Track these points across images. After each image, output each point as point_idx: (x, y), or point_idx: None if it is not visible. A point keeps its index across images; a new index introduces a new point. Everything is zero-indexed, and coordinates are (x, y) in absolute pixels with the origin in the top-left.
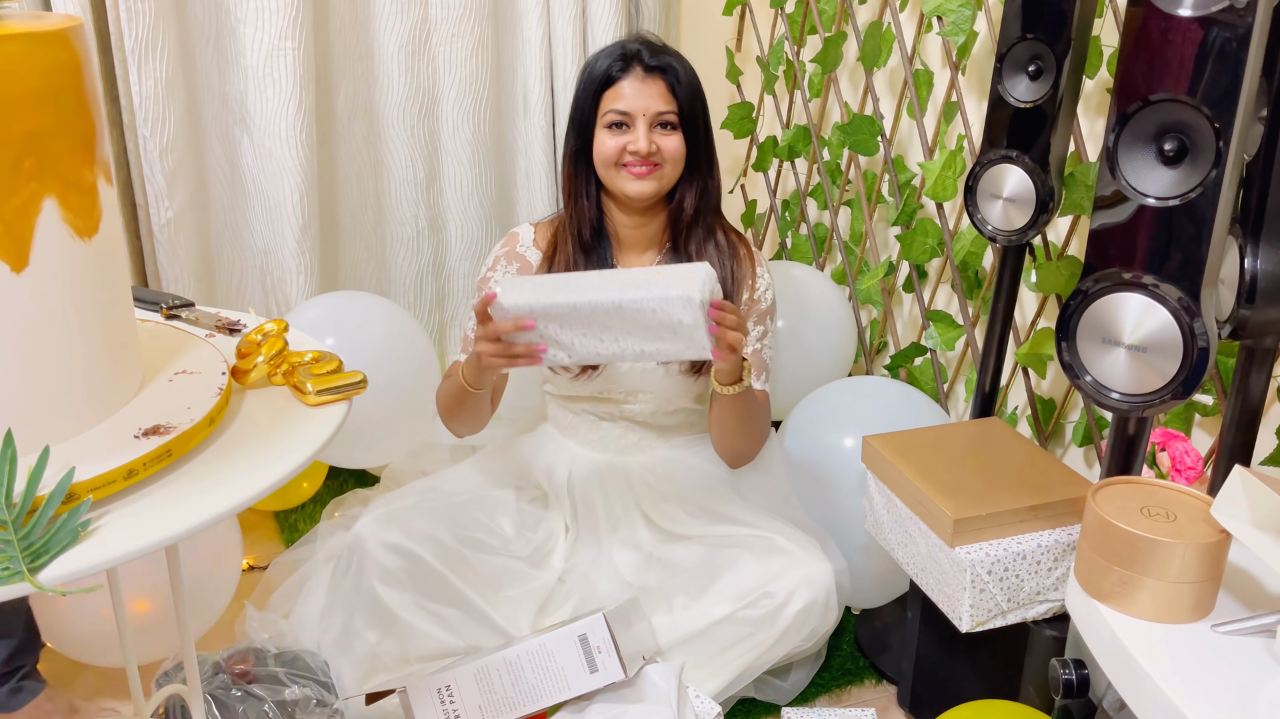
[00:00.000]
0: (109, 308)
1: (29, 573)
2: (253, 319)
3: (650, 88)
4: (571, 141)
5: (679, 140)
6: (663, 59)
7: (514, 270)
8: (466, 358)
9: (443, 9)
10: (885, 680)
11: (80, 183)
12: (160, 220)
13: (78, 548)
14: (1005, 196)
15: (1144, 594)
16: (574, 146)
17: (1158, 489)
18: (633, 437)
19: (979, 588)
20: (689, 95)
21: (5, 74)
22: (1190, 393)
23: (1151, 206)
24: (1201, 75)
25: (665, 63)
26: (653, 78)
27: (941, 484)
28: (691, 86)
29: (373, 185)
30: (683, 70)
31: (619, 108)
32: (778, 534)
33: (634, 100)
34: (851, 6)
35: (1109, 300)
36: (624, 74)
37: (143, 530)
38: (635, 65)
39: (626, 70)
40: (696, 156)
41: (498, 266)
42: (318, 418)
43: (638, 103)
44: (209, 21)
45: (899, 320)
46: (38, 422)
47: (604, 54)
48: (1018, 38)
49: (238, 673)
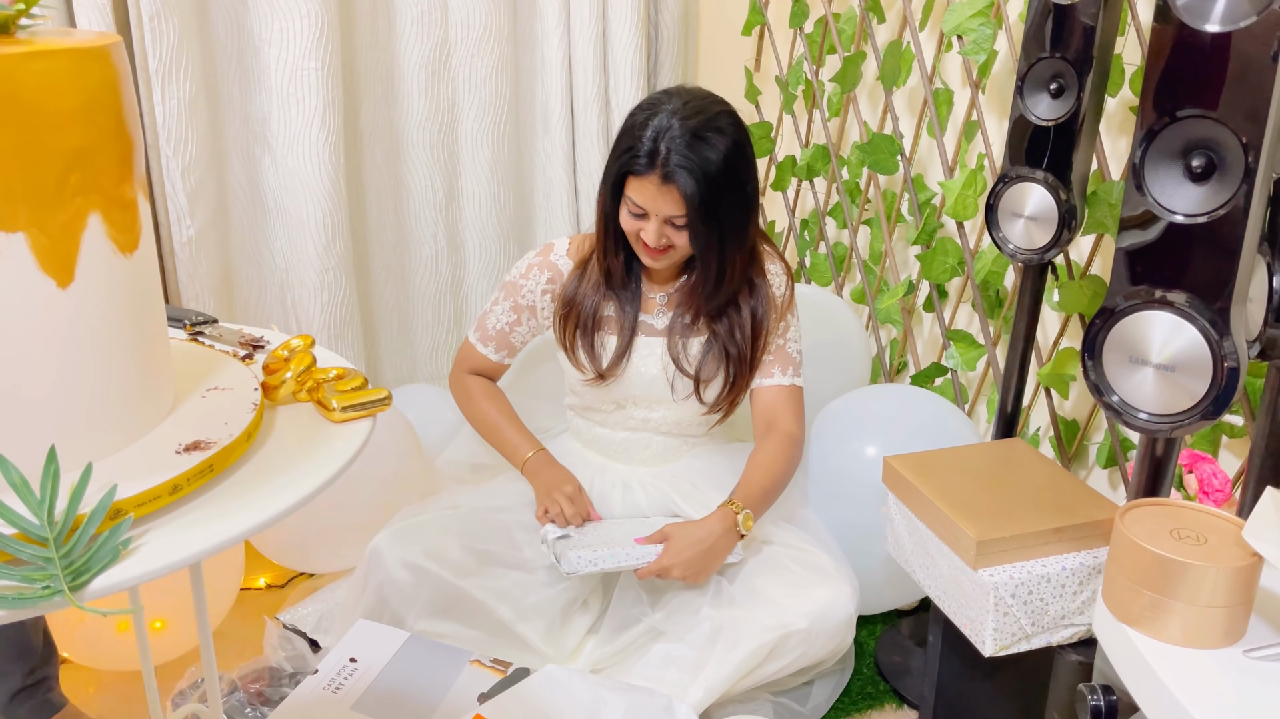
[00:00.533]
0: (148, 323)
1: (69, 591)
2: (276, 336)
3: (666, 195)
4: (605, 199)
5: (689, 235)
6: (689, 159)
7: (545, 279)
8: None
9: (463, 30)
10: (906, 705)
11: (122, 198)
12: (182, 239)
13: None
14: (1027, 215)
15: (1174, 618)
16: (606, 206)
17: (1188, 511)
18: (656, 446)
19: (1002, 611)
20: (706, 195)
21: (51, 89)
22: (1220, 413)
23: (1179, 224)
24: (1229, 91)
25: (689, 165)
26: (668, 186)
27: (964, 505)
28: (712, 183)
29: (392, 204)
30: (707, 169)
31: (637, 200)
32: (803, 548)
33: (648, 203)
34: (871, 26)
35: (1136, 319)
36: (647, 173)
37: (182, 545)
38: (656, 169)
39: (650, 170)
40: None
41: (530, 274)
42: (342, 434)
43: (651, 205)
44: (232, 42)
45: (919, 340)
46: (79, 438)
47: (641, 125)
48: (1039, 56)
49: (253, 692)
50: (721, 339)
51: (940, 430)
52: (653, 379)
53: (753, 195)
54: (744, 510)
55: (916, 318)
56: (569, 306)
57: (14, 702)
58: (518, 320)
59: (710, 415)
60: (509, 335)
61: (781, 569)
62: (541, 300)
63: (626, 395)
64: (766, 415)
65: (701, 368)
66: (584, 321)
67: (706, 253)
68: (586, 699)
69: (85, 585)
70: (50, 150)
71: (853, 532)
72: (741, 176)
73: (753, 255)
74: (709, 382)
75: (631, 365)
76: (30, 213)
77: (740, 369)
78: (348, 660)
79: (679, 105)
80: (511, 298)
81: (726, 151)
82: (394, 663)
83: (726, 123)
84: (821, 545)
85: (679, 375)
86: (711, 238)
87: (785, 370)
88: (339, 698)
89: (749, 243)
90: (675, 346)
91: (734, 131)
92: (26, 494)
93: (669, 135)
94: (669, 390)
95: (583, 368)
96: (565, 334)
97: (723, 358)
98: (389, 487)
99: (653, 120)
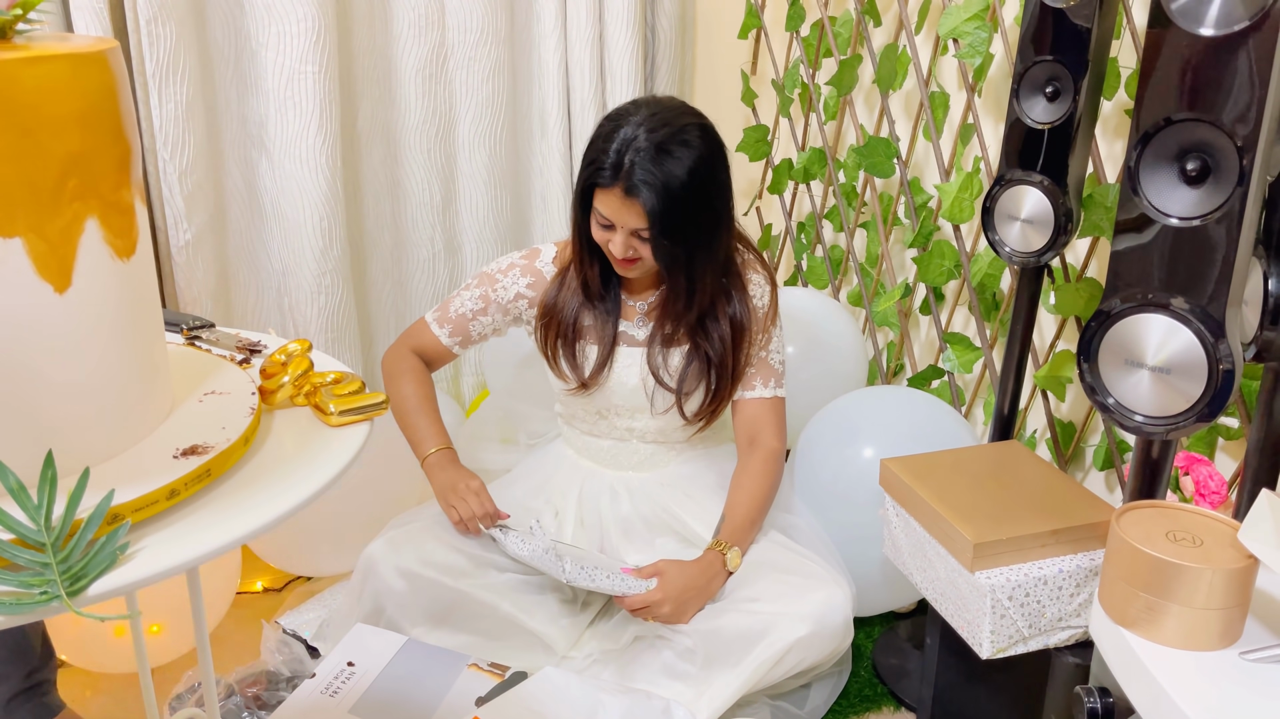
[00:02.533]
0: (145, 328)
1: (67, 597)
2: (273, 340)
3: (629, 208)
4: (576, 210)
5: (652, 249)
6: (651, 174)
7: (526, 283)
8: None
9: (460, 33)
10: (903, 708)
11: (120, 203)
12: (179, 242)
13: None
14: (1023, 218)
15: (1170, 620)
16: (576, 217)
17: (1183, 513)
18: (643, 453)
19: (999, 613)
20: (668, 209)
21: (49, 94)
22: (1215, 416)
23: (1174, 226)
24: (1224, 94)
25: (651, 179)
26: (631, 200)
27: (961, 508)
28: (675, 198)
29: (389, 207)
30: (670, 183)
31: (603, 212)
32: (796, 552)
33: (613, 215)
34: (867, 29)
35: (1132, 321)
36: (611, 185)
37: (180, 550)
38: (620, 182)
39: (614, 182)
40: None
41: (510, 273)
42: (339, 438)
43: (616, 218)
44: (229, 46)
45: (916, 343)
46: (77, 442)
47: (607, 137)
48: (1035, 59)
49: (250, 696)
50: (703, 350)
51: (937, 433)
52: (634, 389)
53: (722, 209)
54: (731, 549)
55: (913, 320)
56: (549, 314)
57: (11, 704)
58: (483, 310)
59: (692, 425)
60: (469, 323)
61: (776, 575)
62: (515, 304)
63: (608, 405)
64: (748, 429)
65: (683, 381)
66: (564, 330)
67: (672, 267)
68: (584, 702)
69: (83, 591)
70: (48, 155)
71: (849, 534)
72: (708, 191)
73: (728, 267)
74: (690, 394)
75: (614, 375)
76: (28, 218)
77: (721, 381)
78: (345, 664)
79: (645, 116)
80: (484, 288)
81: (692, 165)
82: (391, 667)
83: (694, 135)
84: (814, 548)
85: (659, 390)
86: (676, 251)
87: (768, 382)
88: (336, 702)
89: (719, 255)
90: (655, 359)
91: (701, 145)
92: (24, 499)
93: (633, 148)
94: (648, 407)
95: (565, 377)
96: (546, 342)
97: (704, 371)
98: (386, 491)
99: (618, 131)
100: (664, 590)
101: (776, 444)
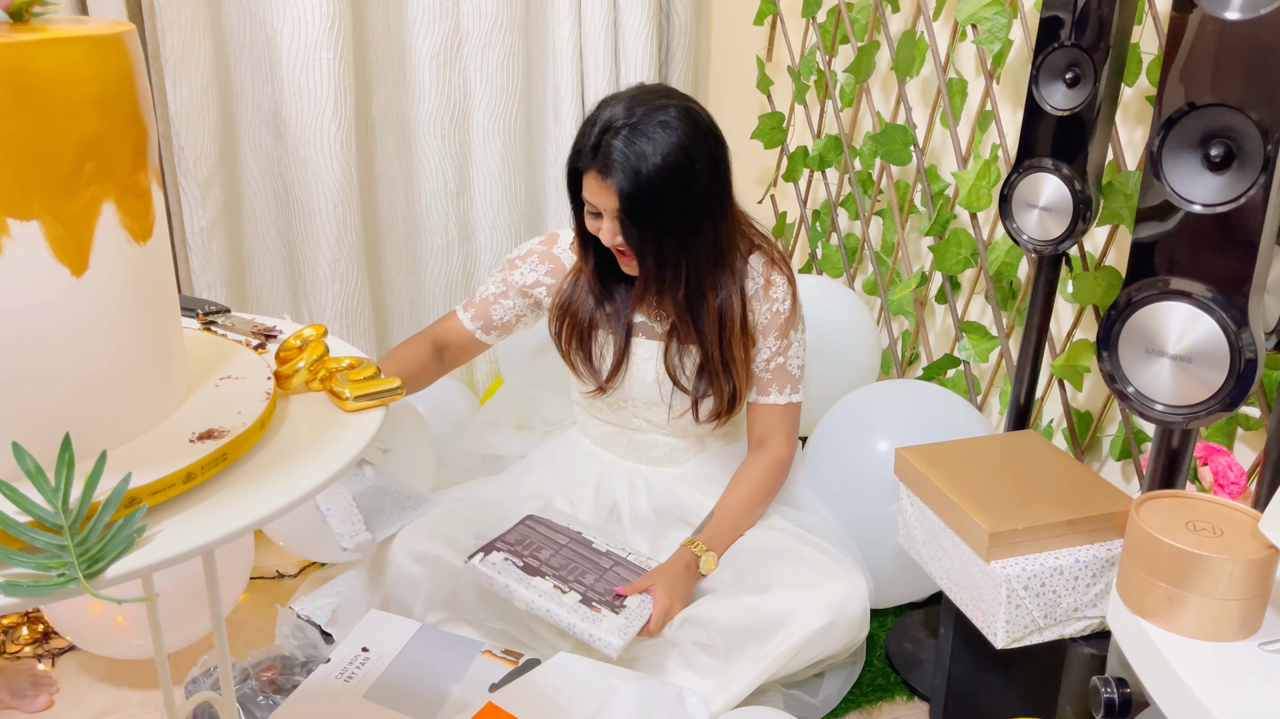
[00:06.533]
0: (161, 312)
1: (84, 579)
2: (288, 326)
3: (606, 190)
4: (572, 201)
5: (620, 230)
6: (623, 153)
7: (545, 270)
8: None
9: (474, 19)
10: (917, 697)
11: (136, 186)
12: (194, 228)
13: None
14: (1041, 206)
15: (1190, 611)
16: (573, 207)
17: (1203, 503)
18: (664, 446)
19: (1015, 603)
20: (637, 191)
21: (66, 77)
22: (1237, 405)
23: (1197, 213)
24: (1249, 79)
25: (622, 159)
26: (606, 181)
27: (976, 497)
28: (644, 179)
29: (403, 195)
30: (640, 164)
31: (588, 198)
32: (813, 544)
33: (595, 198)
34: (884, 15)
35: (1153, 309)
36: (590, 167)
37: (196, 533)
38: (596, 163)
39: (592, 164)
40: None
41: (529, 259)
42: (354, 423)
43: (597, 201)
44: (244, 32)
45: (931, 332)
46: (94, 426)
47: (591, 120)
48: (1055, 45)
49: (265, 680)
50: (709, 350)
51: (952, 426)
52: (650, 384)
53: (703, 195)
54: (707, 553)
55: (929, 309)
56: (564, 311)
57: None
58: (504, 293)
59: (709, 423)
60: (490, 306)
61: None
62: (534, 289)
63: (626, 397)
64: (760, 432)
65: (698, 385)
66: (580, 327)
67: (642, 251)
68: (598, 688)
69: (100, 573)
70: (64, 138)
71: (864, 526)
72: (685, 174)
73: (718, 259)
74: (704, 398)
75: (631, 370)
76: (45, 201)
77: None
78: (360, 650)
79: (628, 99)
80: (504, 272)
81: (668, 148)
82: (406, 653)
83: (674, 116)
84: (829, 541)
85: (676, 392)
86: (645, 235)
87: (784, 389)
88: (351, 687)
89: (702, 245)
90: (672, 359)
91: (682, 127)
92: (41, 482)
93: (611, 129)
94: (665, 407)
95: (583, 378)
96: (563, 341)
97: (716, 372)
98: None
99: (601, 114)
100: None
101: (784, 452)
